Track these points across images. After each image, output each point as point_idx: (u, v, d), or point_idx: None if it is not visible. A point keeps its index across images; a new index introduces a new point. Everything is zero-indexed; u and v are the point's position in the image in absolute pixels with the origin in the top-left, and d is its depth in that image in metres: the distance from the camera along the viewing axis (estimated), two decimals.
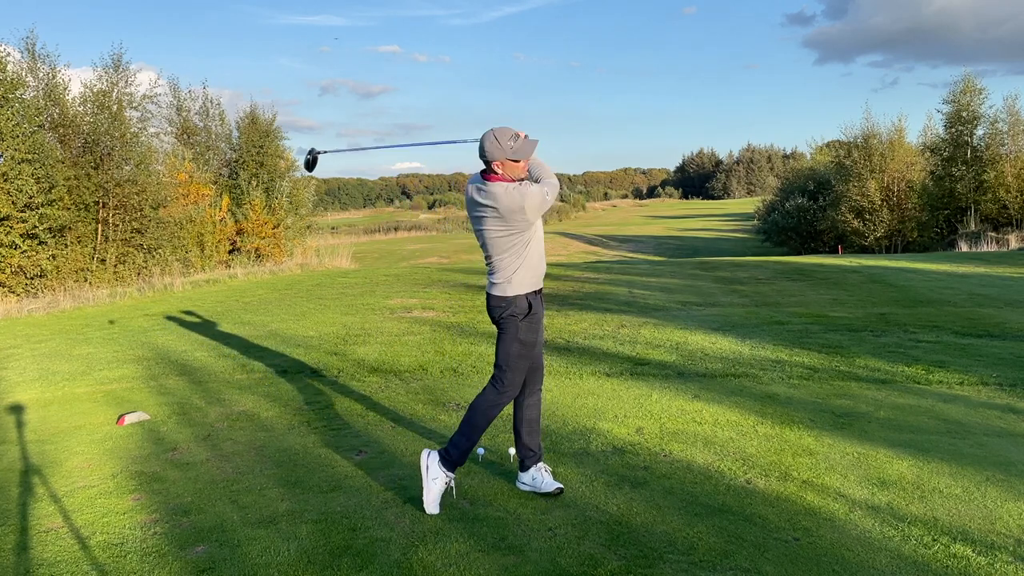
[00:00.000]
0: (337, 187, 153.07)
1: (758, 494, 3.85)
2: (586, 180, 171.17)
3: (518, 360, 3.75)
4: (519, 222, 3.61)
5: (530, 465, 3.96)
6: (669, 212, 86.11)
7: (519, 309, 3.72)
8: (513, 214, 3.58)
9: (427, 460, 3.77)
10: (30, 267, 15.15)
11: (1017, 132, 30.72)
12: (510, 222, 3.61)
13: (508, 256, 3.68)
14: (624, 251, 44.07)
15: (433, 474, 3.74)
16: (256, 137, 24.24)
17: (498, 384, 3.79)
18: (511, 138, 3.58)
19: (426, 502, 3.72)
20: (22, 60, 16.69)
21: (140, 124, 18.95)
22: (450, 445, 3.80)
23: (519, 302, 3.72)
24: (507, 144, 3.57)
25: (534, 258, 3.76)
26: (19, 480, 4.38)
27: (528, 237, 3.70)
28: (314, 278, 16.04)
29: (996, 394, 5.69)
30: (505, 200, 3.56)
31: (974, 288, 11.81)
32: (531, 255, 3.74)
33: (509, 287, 3.70)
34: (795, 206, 39.44)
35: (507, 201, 3.56)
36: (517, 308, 3.71)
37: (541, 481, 3.92)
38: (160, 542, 3.49)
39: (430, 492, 3.73)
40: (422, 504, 3.72)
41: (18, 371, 7.51)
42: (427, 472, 3.74)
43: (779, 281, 13.52)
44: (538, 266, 3.79)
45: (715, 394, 5.81)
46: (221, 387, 6.51)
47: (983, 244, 24.34)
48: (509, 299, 3.72)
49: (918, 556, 3.17)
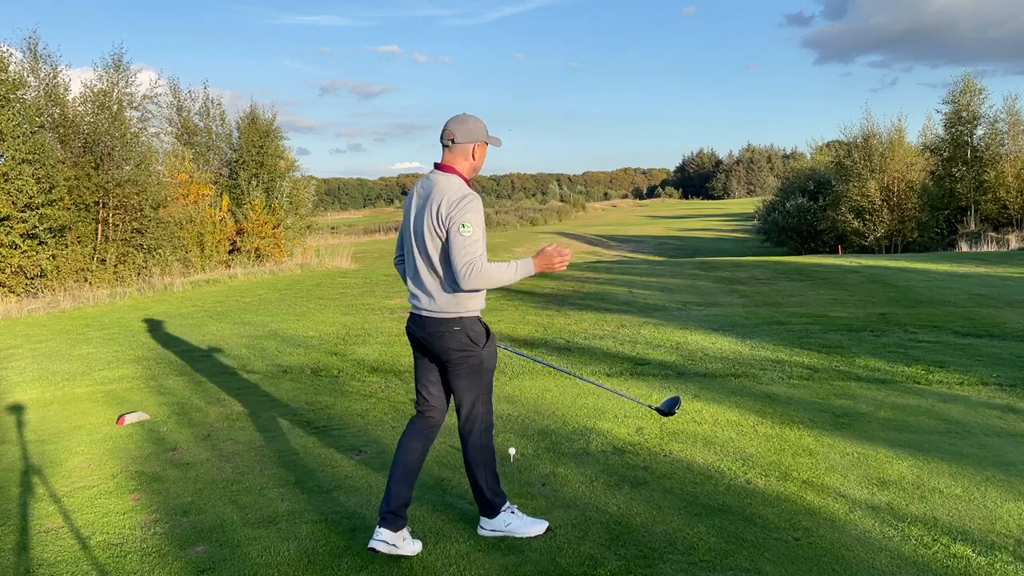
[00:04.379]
0: (337, 187, 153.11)
1: (758, 494, 3.85)
2: (586, 180, 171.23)
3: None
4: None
5: (400, 525, 3.23)
6: (669, 212, 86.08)
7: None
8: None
9: (490, 528, 3.40)
10: (30, 267, 15.16)
11: (1017, 132, 30.75)
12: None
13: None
14: (624, 251, 44.06)
15: (503, 524, 3.39)
16: (256, 137, 24.25)
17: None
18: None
19: (533, 533, 3.40)
20: (24, 60, 16.72)
21: (140, 124, 18.97)
22: (480, 499, 3.40)
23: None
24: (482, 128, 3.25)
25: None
26: (19, 480, 4.38)
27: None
28: (314, 278, 16.04)
29: (996, 394, 5.69)
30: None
31: (974, 288, 11.81)
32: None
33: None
34: (795, 206, 39.46)
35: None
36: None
37: (403, 545, 3.24)
38: (160, 542, 3.49)
39: (523, 530, 3.40)
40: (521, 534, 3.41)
41: (18, 371, 7.51)
42: (505, 531, 3.39)
43: (779, 281, 13.52)
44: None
45: (715, 394, 5.81)
46: (221, 387, 6.51)
47: (983, 244, 24.35)
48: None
49: (918, 556, 3.17)
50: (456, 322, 3.17)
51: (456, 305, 3.15)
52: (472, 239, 3.00)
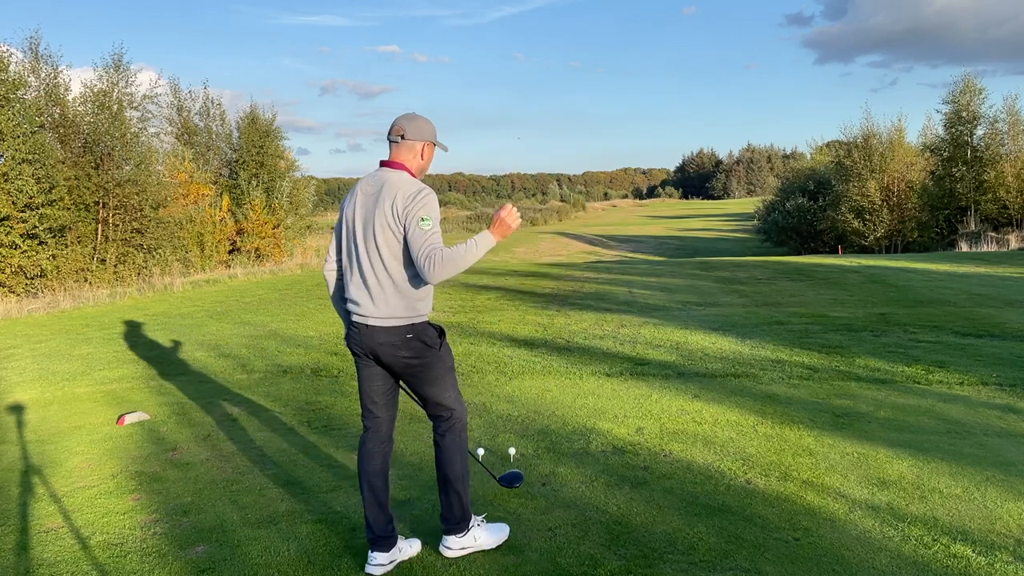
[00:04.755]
0: (337, 187, 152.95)
1: (758, 494, 3.85)
2: (586, 180, 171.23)
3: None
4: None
5: (392, 544, 3.12)
6: (669, 212, 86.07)
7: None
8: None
9: (460, 547, 3.19)
10: (30, 267, 15.16)
11: (1017, 132, 30.74)
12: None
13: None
14: (624, 251, 44.06)
15: (473, 539, 3.21)
16: (256, 137, 24.26)
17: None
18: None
19: (500, 542, 3.29)
20: (25, 60, 16.73)
21: (140, 124, 19.00)
22: (451, 514, 3.17)
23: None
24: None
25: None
26: (19, 480, 4.38)
27: None
28: (314, 278, 16.03)
29: (996, 394, 5.69)
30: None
31: (974, 288, 11.81)
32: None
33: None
34: (795, 206, 39.45)
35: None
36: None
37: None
38: (160, 542, 3.48)
39: (491, 542, 3.26)
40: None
41: (18, 371, 7.51)
42: (474, 547, 3.21)
43: (779, 281, 13.52)
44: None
45: (715, 394, 5.81)
46: (221, 387, 6.51)
47: (983, 244, 24.36)
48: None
49: (918, 556, 3.17)
50: (408, 329, 3.00)
51: (407, 310, 2.98)
52: (431, 231, 2.89)
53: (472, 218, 72.20)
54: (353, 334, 3.10)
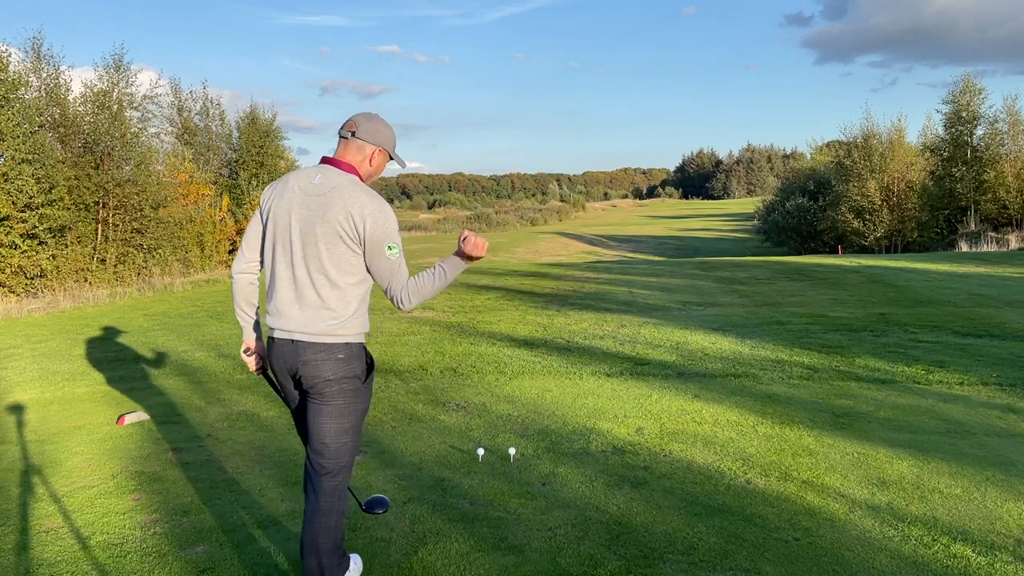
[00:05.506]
0: None
1: (758, 494, 3.85)
2: (586, 180, 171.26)
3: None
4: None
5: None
6: (669, 212, 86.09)
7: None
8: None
9: None
10: (30, 267, 15.16)
11: (1017, 132, 30.76)
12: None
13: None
14: (624, 251, 44.07)
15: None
16: (256, 137, 24.28)
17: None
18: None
19: None
20: (26, 60, 16.74)
21: (140, 124, 19.00)
22: (317, 565, 2.74)
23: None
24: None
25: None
26: (19, 480, 4.38)
27: None
28: None
29: (996, 394, 5.69)
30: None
31: (974, 288, 11.81)
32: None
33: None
34: (795, 206, 39.48)
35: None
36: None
37: None
38: (160, 542, 3.48)
39: None
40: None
41: (18, 371, 7.51)
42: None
43: (779, 281, 13.52)
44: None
45: (715, 394, 5.81)
46: (221, 387, 6.51)
47: (983, 244, 24.38)
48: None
49: (918, 556, 3.17)
50: (341, 348, 2.65)
51: (342, 327, 2.64)
52: (400, 259, 2.66)
53: (472, 218, 72.25)
54: (272, 351, 2.76)
